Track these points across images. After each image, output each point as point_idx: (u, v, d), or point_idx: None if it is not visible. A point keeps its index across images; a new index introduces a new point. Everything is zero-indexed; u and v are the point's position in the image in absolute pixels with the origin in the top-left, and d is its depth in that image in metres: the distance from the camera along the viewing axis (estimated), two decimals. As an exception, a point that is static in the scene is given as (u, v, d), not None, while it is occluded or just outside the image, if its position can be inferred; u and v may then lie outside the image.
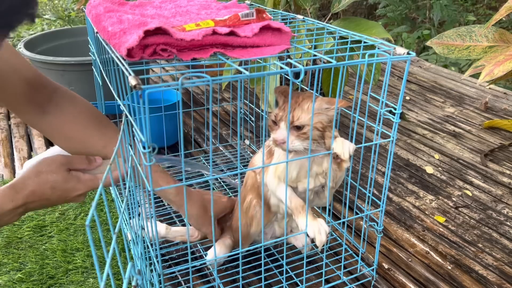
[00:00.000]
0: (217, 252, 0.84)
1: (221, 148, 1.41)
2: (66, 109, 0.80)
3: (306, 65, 1.34)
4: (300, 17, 0.91)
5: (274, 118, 0.71)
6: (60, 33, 1.90)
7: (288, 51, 0.71)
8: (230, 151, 1.38)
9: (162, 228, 0.89)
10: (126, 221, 0.84)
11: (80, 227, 1.04)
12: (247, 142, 1.42)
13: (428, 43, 1.42)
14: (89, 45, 1.04)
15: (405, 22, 3.67)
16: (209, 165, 1.29)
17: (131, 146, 0.65)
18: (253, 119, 1.33)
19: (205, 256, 0.88)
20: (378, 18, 3.91)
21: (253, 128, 1.41)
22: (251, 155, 1.33)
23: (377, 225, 0.79)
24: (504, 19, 3.73)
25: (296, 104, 0.70)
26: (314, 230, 0.70)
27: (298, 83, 0.97)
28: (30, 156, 1.38)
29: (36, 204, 0.68)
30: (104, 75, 0.84)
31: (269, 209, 0.81)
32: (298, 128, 0.68)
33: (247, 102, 1.33)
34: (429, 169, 1.34)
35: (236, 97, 1.83)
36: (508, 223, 1.09)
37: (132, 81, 0.52)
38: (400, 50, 0.67)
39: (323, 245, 0.72)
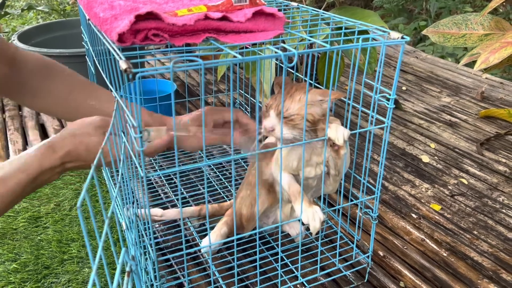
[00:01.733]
0: (212, 240, 0.84)
1: (217, 139, 1.40)
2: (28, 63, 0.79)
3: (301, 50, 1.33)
4: (294, 4, 0.90)
5: (265, 107, 0.72)
6: (54, 26, 1.88)
7: (282, 37, 0.70)
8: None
9: (158, 211, 0.92)
10: (121, 209, 0.83)
11: (76, 218, 1.04)
12: (243, 132, 1.41)
13: (424, 32, 1.41)
14: (82, 35, 1.04)
15: (401, 14, 3.66)
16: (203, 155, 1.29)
17: (123, 132, 0.65)
18: (248, 109, 1.33)
19: (200, 243, 0.88)
20: (375, 9, 3.90)
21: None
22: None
23: (372, 212, 0.79)
24: (501, 10, 3.73)
25: (287, 94, 0.70)
26: (308, 216, 0.70)
27: (293, 72, 0.96)
28: (25, 149, 1.37)
29: (73, 165, 0.66)
30: (98, 65, 0.83)
31: (275, 195, 0.83)
32: (286, 118, 0.69)
33: (243, 93, 1.32)
34: (425, 158, 1.34)
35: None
36: (503, 210, 1.10)
37: (123, 64, 0.51)
38: (394, 34, 0.67)
39: (317, 232, 0.72)
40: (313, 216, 0.70)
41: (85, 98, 0.80)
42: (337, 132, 0.66)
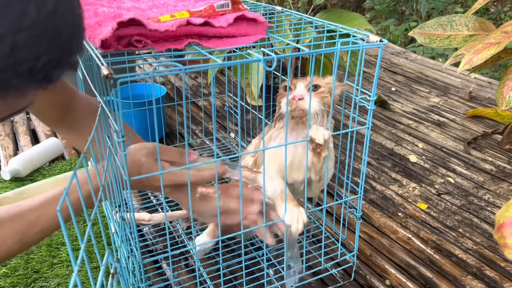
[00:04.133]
0: (204, 240, 0.85)
1: (207, 142, 1.41)
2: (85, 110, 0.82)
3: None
4: (278, 8, 0.92)
5: (290, 83, 0.74)
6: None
7: (266, 41, 0.72)
8: (215, 144, 1.39)
9: (145, 215, 0.93)
10: (110, 212, 0.84)
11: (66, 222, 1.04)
12: (232, 135, 1.43)
13: (410, 33, 1.43)
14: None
15: (393, 15, 3.69)
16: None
17: (109, 137, 0.66)
18: (238, 111, 1.34)
19: (188, 245, 0.89)
20: (366, 11, 3.93)
21: (238, 121, 1.42)
22: (236, 147, 1.34)
23: (356, 211, 0.80)
24: (492, 9, 3.77)
25: (309, 77, 0.74)
26: (292, 218, 0.71)
27: (279, 74, 0.98)
28: (15, 154, 1.38)
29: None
30: (84, 71, 0.84)
31: None
32: (315, 88, 0.72)
33: (231, 96, 1.34)
34: (413, 158, 1.35)
35: (222, 91, 1.83)
36: (488, 208, 1.11)
37: (104, 70, 0.52)
38: (373, 37, 0.68)
39: (302, 233, 0.72)
40: (297, 218, 0.71)
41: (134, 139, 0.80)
42: (318, 132, 0.67)
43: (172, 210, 1.05)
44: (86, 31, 0.65)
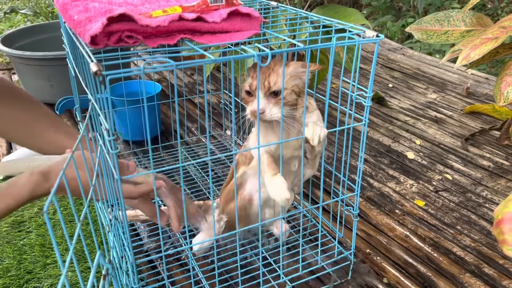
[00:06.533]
0: (200, 240, 0.84)
1: (202, 139, 1.40)
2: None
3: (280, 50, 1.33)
4: (274, 3, 0.90)
5: (249, 88, 0.70)
6: (38, 28, 1.87)
7: (264, 36, 0.70)
8: (211, 142, 1.38)
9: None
10: (104, 212, 0.83)
11: (59, 221, 1.03)
12: (228, 132, 1.41)
13: (407, 29, 1.42)
14: (62, 37, 1.03)
15: (389, 11, 3.67)
16: (189, 156, 1.28)
17: (100, 135, 0.65)
18: (232, 107, 1.33)
19: (184, 244, 0.88)
20: (363, 7, 3.91)
21: (232, 118, 1.40)
22: (233, 145, 1.33)
23: (353, 209, 0.79)
24: (489, 5, 3.76)
25: (269, 69, 0.69)
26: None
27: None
28: (9, 153, 1.36)
29: (63, 193, 0.67)
30: (76, 69, 0.83)
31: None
32: (276, 94, 0.68)
33: (227, 92, 1.32)
34: (410, 155, 1.34)
35: (219, 88, 1.82)
36: (486, 205, 1.11)
37: (94, 67, 0.51)
38: (370, 33, 0.67)
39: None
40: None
41: (48, 128, 0.80)
42: (314, 133, 0.66)
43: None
44: (77, 28, 0.64)
